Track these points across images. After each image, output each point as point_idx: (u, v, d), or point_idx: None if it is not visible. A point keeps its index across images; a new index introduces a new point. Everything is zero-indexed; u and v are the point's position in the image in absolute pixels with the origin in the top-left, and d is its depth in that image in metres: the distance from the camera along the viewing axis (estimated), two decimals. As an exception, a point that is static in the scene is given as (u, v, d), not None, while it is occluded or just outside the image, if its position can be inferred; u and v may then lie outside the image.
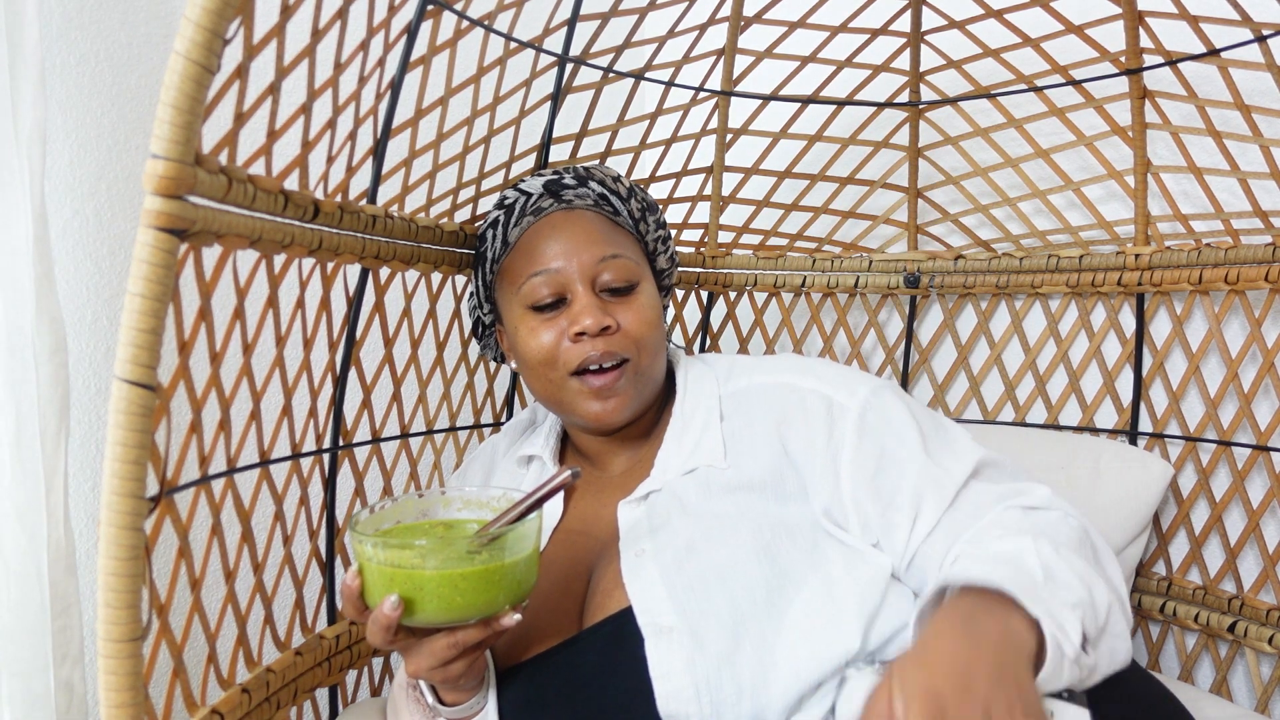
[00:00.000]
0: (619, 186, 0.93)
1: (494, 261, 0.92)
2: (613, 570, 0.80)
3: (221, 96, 0.67)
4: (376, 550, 0.66)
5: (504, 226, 0.91)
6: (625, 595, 0.77)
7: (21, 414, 0.87)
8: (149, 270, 0.60)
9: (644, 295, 0.88)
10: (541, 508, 0.69)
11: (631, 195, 0.93)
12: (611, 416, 0.85)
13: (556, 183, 0.91)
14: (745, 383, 0.89)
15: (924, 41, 1.31)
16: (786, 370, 0.88)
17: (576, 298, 0.85)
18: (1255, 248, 1.07)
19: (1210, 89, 1.14)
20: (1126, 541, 1.11)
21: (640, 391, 0.87)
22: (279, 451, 0.92)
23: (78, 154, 1.03)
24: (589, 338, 0.84)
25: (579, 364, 0.84)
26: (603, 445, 0.91)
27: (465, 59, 1.03)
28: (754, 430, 0.84)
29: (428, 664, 0.69)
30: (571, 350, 0.84)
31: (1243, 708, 1.07)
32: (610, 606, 0.78)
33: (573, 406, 0.86)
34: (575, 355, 0.84)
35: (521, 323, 0.87)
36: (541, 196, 0.90)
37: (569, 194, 0.90)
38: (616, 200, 0.92)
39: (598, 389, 0.84)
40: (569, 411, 0.87)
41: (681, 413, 0.89)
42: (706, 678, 0.70)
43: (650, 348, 0.87)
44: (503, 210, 0.92)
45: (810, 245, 1.41)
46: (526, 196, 0.91)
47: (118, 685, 0.62)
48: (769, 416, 0.84)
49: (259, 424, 0.86)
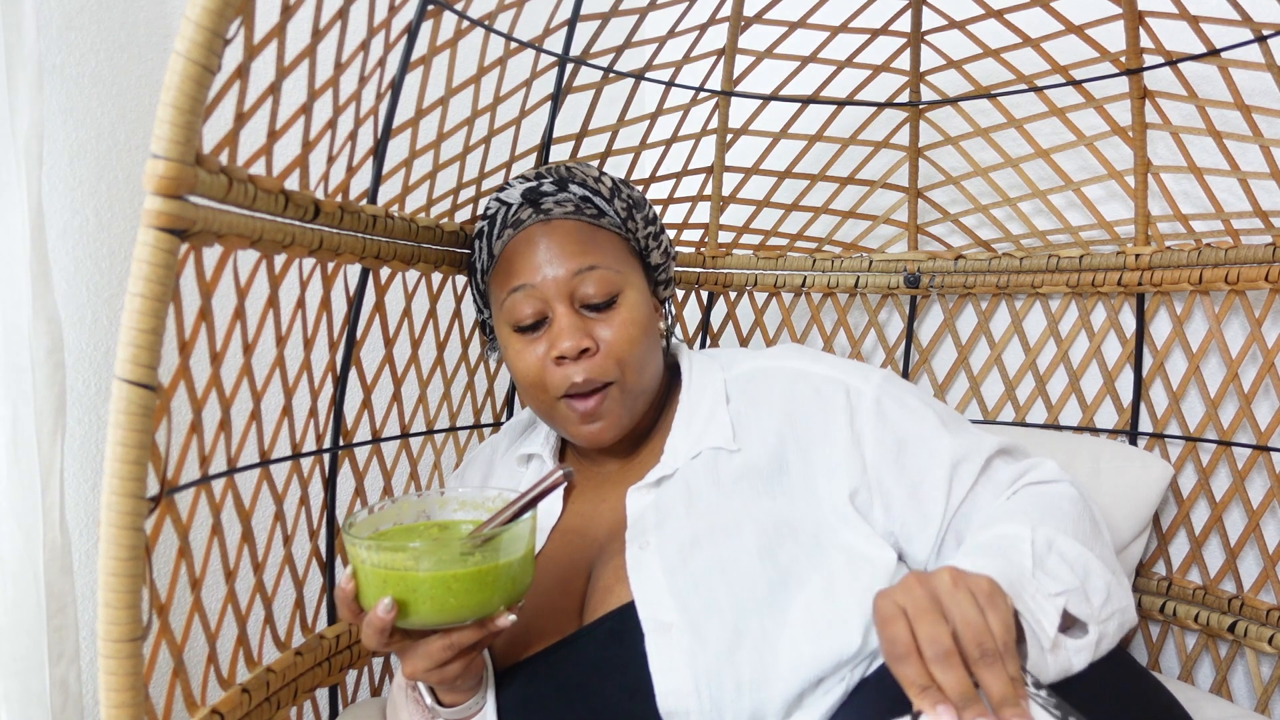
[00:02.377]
0: (601, 186, 0.90)
1: (483, 273, 0.93)
2: (614, 565, 0.80)
3: (222, 96, 0.66)
4: (370, 553, 0.66)
5: (488, 238, 0.91)
6: (627, 590, 0.77)
7: (18, 414, 0.87)
8: (149, 270, 0.60)
9: (626, 306, 0.86)
10: (536, 507, 0.69)
11: (615, 194, 0.91)
12: (601, 436, 0.86)
13: (535, 190, 0.90)
14: (749, 366, 0.90)
15: (924, 41, 1.31)
16: (793, 356, 0.89)
17: (556, 317, 0.84)
18: (1255, 248, 1.07)
19: (1210, 89, 1.14)
20: (1126, 541, 1.11)
21: (630, 408, 0.86)
22: (279, 451, 0.92)
23: (77, 154, 1.02)
24: (570, 361, 0.83)
25: (564, 390, 0.84)
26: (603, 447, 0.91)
27: (465, 59, 1.03)
28: (759, 412, 0.85)
29: (424, 666, 0.69)
30: (555, 374, 0.84)
31: (1243, 708, 1.07)
32: (611, 602, 0.78)
33: (564, 427, 0.87)
34: (559, 381, 0.84)
35: (508, 343, 0.88)
36: (520, 207, 0.89)
37: (548, 202, 0.88)
38: (600, 200, 0.90)
39: (584, 413, 0.84)
40: (562, 430, 0.88)
41: (688, 399, 0.89)
42: (707, 674, 0.70)
43: (635, 363, 0.85)
44: (486, 220, 0.92)
45: (810, 245, 1.41)
46: (506, 207, 0.90)
47: (118, 685, 0.62)
48: (777, 400, 0.85)
49: (259, 424, 0.86)
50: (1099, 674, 0.67)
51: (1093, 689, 0.65)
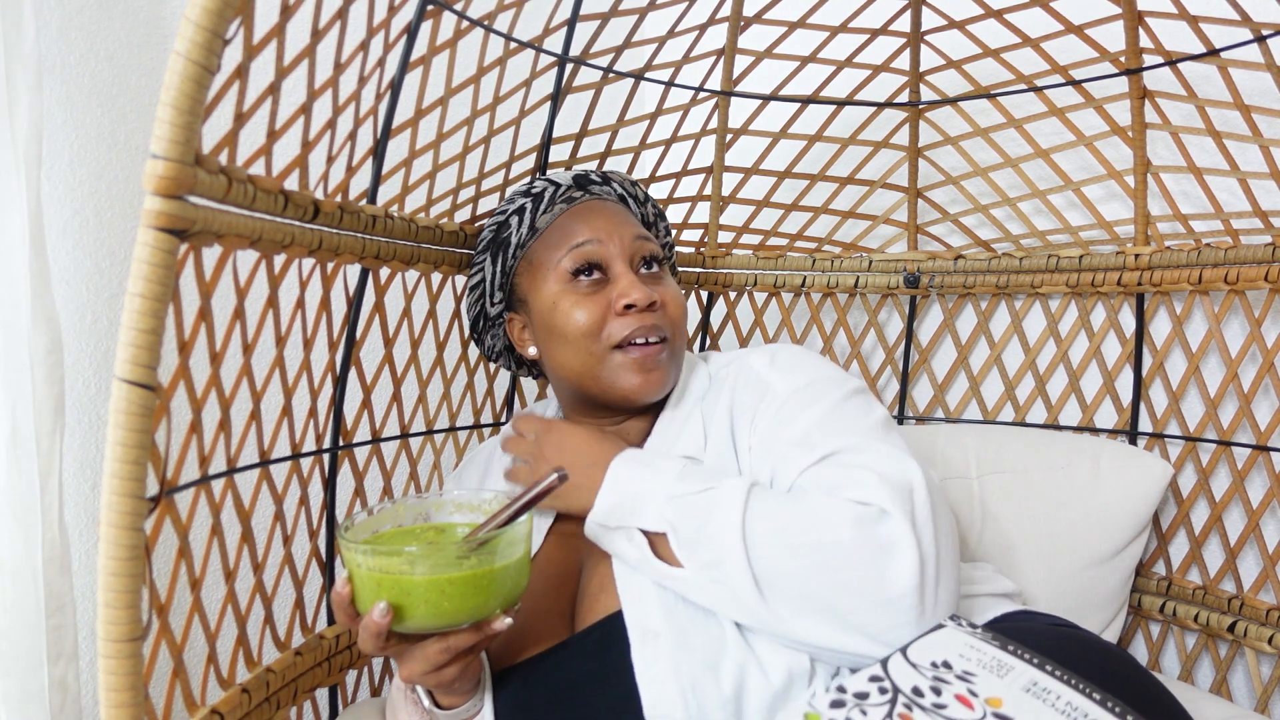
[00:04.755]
0: (636, 190, 0.98)
1: (519, 246, 0.93)
2: (601, 571, 0.80)
3: (221, 96, 0.66)
4: (365, 557, 0.66)
5: (531, 213, 0.92)
6: (615, 598, 0.77)
7: (17, 413, 0.87)
8: (149, 270, 0.60)
9: (672, 281, 0.93)
10: (532, 510, 0.69)
11: (647, 200, 0.99)
12: (650, 389, 0.86)
13: (584, 177, 0.95)
14: (722, 363, 0.92)
15: (924, 41, 1.31)
16: (753, 353, 0.90)
17: (620, 274, 0.87)
18: (1255, 248, 1.07)
19: (1210, 89, 1.14)
20: (1126, 541, 1.11)
21: (674, 371, 0.89)
22: (279, 451, 0.92)
23: (77, 154, 1.02)
24: (638, 311, 0.85)
25: (626, 336, 0.85)
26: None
27: (465, 59, 1.03)
28: (718, 412, 0.86)
29: (421, 669, 0.69)
30: (618, 323, 0.85)
31: (1243, 708, 1.07)
32: (598, 611, 0.78)
33: (612, 379, 0.86)
34: (623, 328, 0.85)
35: (562, 297, 0.88)
36: (571, 187, 0.93)
37: (596, 188, 0.95)
38: (634, 203, 0.97)
39: (640, 360, 0.85)
40: (605, 386, 0.87)
41: (672, 405, 0.90)
42: (692, 683, 0.71)
43: (683, 331, 0.90)
44: (530, 198, 0.93)
45: (810, 245, 1.41)
46: (556, 186, 0.93)
47: (118, 685, 0.62)
48: (724, 399, 0.87)
49: (259, 424, 0.86)
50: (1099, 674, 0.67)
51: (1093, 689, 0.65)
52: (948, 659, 0.62)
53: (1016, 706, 0.57)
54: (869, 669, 0.62)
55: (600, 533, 0.79)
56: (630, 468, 0.79)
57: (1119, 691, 0.66)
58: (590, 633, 0.77)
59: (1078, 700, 0.58)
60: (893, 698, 0.58)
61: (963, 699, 0.58)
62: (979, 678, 0.60)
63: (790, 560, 0.69)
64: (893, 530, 0.68)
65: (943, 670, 0.61)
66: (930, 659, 0.62)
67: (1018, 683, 0.59)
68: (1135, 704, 0.67)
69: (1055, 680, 0.60)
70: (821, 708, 0.58)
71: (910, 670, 0.61)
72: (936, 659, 0.62)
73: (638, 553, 0.75)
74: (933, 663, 0.62)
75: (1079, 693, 0.58)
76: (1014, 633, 0.66)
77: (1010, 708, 0.57)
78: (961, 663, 0.62)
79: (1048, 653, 0.63)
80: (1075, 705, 0.57)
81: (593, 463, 0.81)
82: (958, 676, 0.60)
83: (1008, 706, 0.57)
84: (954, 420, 1.36)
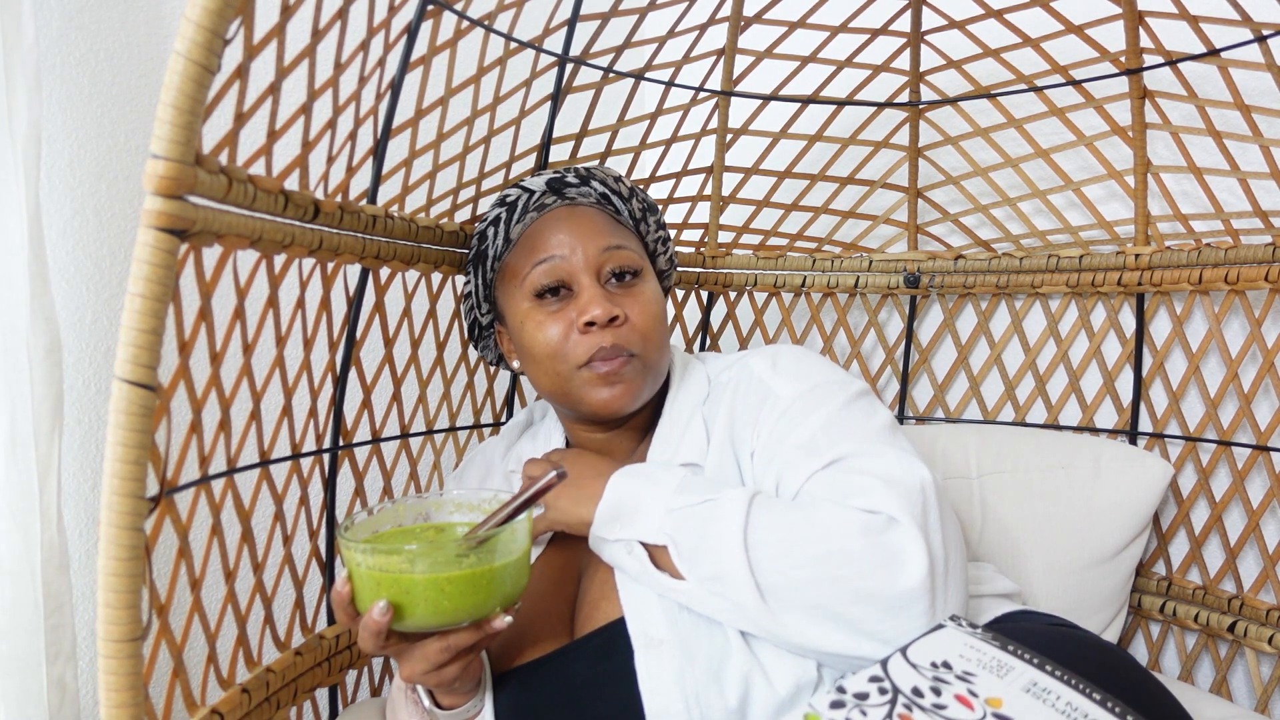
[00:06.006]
0: (620, 186, 0.93)
1: (495, 259, 0.92)
2: (602, 576, 0.80)
3: (221, 96, 0.66)
4: (365, 556, 0.66)
5: (506, 224, 0.91)
6: (616, 605, 0.77)
7: (16, 413, 0.87)
8: (149, 270, 0.60)
9: (649, 287, 0.89)
10: (531, 509, 0.69)
11: (633, 195, 0.94)
12: (619, 403, 0.84)
13: (559, 180, 0.92)
14: (722, 366, 0.91)
15: (924, 41, 1.31)
16: (754, 356, 0.88)
17: (583, 289, 0.85)
18: (1255, 248, 1.07)
19: (1210, 89, 1.14)
20: (1126, 541, 1.11)
21: (647, 383, 0.86)
22: (279, 451, 0.92)
23: (77, 154, 1.02)
24: (598, 328, 0.83)
25: (588, 357, 0.83)
26: (602, 445, 0.91)
27: (465, 59, 1.03)
28: (719, 417, 0.85)
29: (421, 668, 0.69)
30: (581, 343, 0.84)
31: (1243, 708, 1.07)
32: (599, 617, 0.78)
33: (581, 396, 0.85)
34: (584, 348, 0.84)
35: (528, 317, 0.87)
36: (545, 194, 0.91)
37: (572, 191, 0.91)
38: (618, 200, 0.93)
39: (605, 374, 0.83)
40: (576, 403, 0.86)
41: (671, 411, 0.89)
42: (696, 692, 0.70)
43: (656, 341, 0.87)
44: (504, 207, 0.92)
45: (810, 245, 1.41)
46: (529, 194, 0.91)
47: (118, 685, 0.62)
48: (724, 403, 0.86)
49: (259, 424, 0.86)
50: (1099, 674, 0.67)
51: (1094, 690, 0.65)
52: (948, 659, 0.62)
53: (1016, 707, 0.57)
54: (869, 669, 0.62)
55: (600, 545, 0.78)
56: (629, 481, 0.79)
57: (1119, 691, 0.66)
58: (591, 639, 0.77)
59: (1078, 700, 0.58)
60: (892, 698, 0.58)
61: (963, 699, 0.58)
62: (979, 678, 0.60)
63: (797, 570, 0.68)
64: (901, 537, 0.68)
65: (943, 670, 0.61)
66: (930, 659, 0.62)
67: (1018, 683, 0.59)
68: (1135, 704, 0.67)
69: (1055, 680, 0.60)
70: (821, 708, 0.58)
71: (910, 670, 0.61)
72: (936, 659, 0.62)
73: (638, 565, 0.75)
74: (932, 663, 0.62)
75: (1079, 693, 0.58)
76: (1014, 633, 0.66)
77: (1010, 708, 0.57)
78: (961, 663, 0.62)
79: (1048, 653, 0.63)
80: (1075, 705, 0.57)
81: (595, 475, 0.81)
82: (958, 677, 0.60)
83: (1008, 707, 0.57)
84: (954, 420, 1.36)
